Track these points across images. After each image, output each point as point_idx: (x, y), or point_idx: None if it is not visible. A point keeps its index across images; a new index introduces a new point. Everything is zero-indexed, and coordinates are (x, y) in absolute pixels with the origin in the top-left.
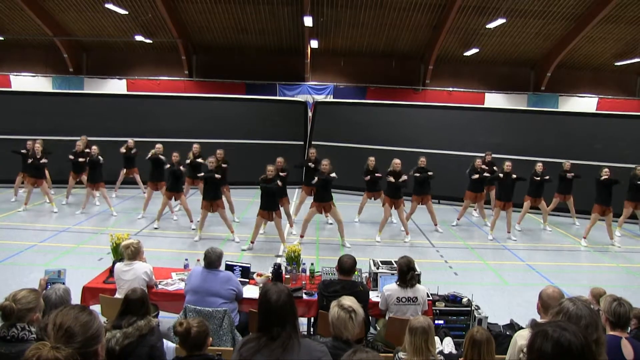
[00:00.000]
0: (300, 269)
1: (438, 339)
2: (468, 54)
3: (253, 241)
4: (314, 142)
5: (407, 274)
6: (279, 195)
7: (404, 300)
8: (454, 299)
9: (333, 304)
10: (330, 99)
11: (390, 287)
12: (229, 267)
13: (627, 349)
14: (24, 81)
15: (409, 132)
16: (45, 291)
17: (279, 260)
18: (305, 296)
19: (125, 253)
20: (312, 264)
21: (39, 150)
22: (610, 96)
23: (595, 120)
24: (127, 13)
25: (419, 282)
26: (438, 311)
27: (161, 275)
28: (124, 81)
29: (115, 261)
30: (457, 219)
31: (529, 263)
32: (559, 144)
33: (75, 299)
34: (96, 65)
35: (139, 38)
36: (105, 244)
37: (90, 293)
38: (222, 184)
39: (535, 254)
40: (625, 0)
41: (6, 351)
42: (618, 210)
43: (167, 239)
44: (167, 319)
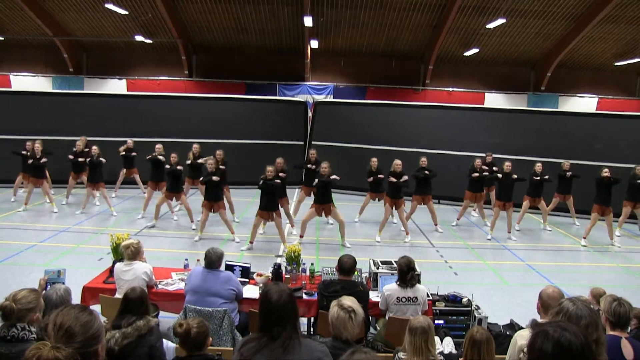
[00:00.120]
0: (300, 269)
1: (438, 339)
2: (468, 54)
3: (252, 241)
4: (314, 142)
5: (407, 274)
6: (278, 196)
7: (404, 300)
8: (454, 299)
9: (333, 303)
10: (330, 99)
11: (390, 287)
12: (229, 267)
13: (627, 349)
14: (24, 81)
15: (409, 132)
16: (45, 291)
17: (279, 260)
18: (305, 296)
19: (125, 253)
20: (312, 264)
21: (38, 150)
22: (610, 96)
23: (595, 120)
24: (127, 13)
25: (419, 282)
26: (438, 311)
27: (161, 275)
28: (124, 81)
29: (115, 261)
30: (457, 219)
31: (528, 263)
32: (558, 144)
33: (75, 299)
34: (96, 65)
35: (139, 38)
36: (105, 244)
37: (90, 293)
38: (223, 184)
39: (535, 254)
40: (625, 0)
41: (6, 351)
42: (617, 210)
43: (167, 239)
44: (167, 319)
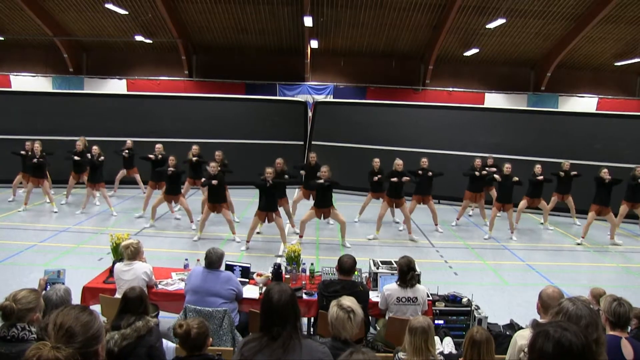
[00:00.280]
0: (300, 269)
1: (438, 339)
2: (468, 54)
3: (249, 240)
4: (314, 142)
5: (408, 274)
6: (278, 196)
7: (403, 300)
8: (454, 299)
9: (332, 303)
10: (330, 99)
11: (390, 287)
12: (229, 267)
13: (627, 349)
14: (24, 81)
15: (409, 132)
16: (45, 291)
17: (279, 260)
18: (305, 296)
19: (125, 253)
20: (312, 264)
21: (38, 150)
22: (610, 96)
23: (595, 120)
24: (127, 13)
25: (419, 282)
26: (438, 311)
27: (161, 275)
28: (124, 81)
29: (115, 261)
30: (457, 219)
31: (528, 263)
32: (558, 144)
33: (75, 299)
34: (96, 65)
35: (139, 38)
36: (105, 244)
37: (90, 293)
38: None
39: (535, 253)
40: (625, 0)
41: (6, 351)
42: (617, 210)
43: (167, 239)
44: (167, 319)
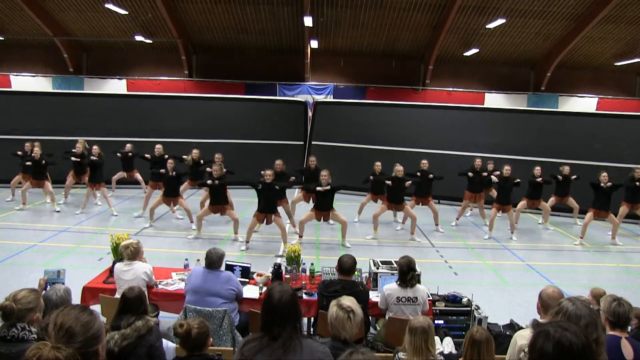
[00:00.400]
0: (300, 269)
1: (438, 339)
2: (468, 54)
3: (248, 241)
4: (314, 142)
5: (408, 273)
6: (278, 197)
7: (403, 300)
8: (454, 299)
9: (332, 303)
10: (330, 99)
11: (390, 287)
12: (229, 267)
13: (627, 348)
14: (24, 81)
15: (409, 132)
16: (45, 291)
17: (279, 260)
18: (305, 296)
19: (124, 253)
20: (312, 264)
21: (37, 154)
22: (610, 96)
23: (595, 120)
24: (127, 13)
25: (419, 282)
26: (438, 311)
27: (161, 275)
28: (124, 81)
29: (115, 261)
30: (456, 219)
31: (528, 263)
32: (558, 144)
33: (75, 299)
34: (96, 65)
35: (139, 38)
36: (105, 244)
37: (90, 293)
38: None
39: (535, 253)
40: (625, 0)
41: (6, 351)
42: (616, 211)
43: (167, 239)
44: (167, 319)
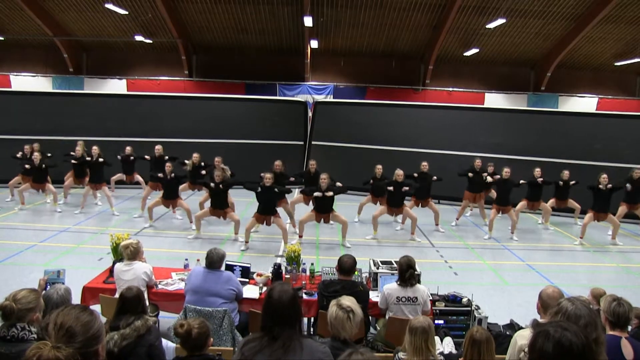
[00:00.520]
0: (300, 269)
1: (438, 339)
2: (468, 54)
3: (247, 241)
4: (314, 142)
5: (406, 272)
6: (277, 199)
7: (403, 300)
8: (454, 299)
9: (332, 303)
10: (330, 99)
11: (390, 287)
12: (229, 267)
13: (627, 348)
14: (24, 81)
15: (409, 132)
16: (46, 291)
17: (279, 260)
18: (305, 296)
19: (124, 253)
20: (312, 264)
21: (37, 159)
22: (610, 96)
23: (595, 120)
24: (127, 13)
25: (419, 282)
26: (438, 311)
27: (161, 275)
28: (124, 81)
29: (115, 261)
30: (456, 219)
31: (528, 263)
32: (558, 144)
33: (75, 299)
34: (96, 65)
35: (139, 38)
36: (105, 244)
37: (90, 293)
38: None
39: (535, 253)
40: (625, 0)
41: (6, 351)
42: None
43: (167, 239)
44: (167, 319)
